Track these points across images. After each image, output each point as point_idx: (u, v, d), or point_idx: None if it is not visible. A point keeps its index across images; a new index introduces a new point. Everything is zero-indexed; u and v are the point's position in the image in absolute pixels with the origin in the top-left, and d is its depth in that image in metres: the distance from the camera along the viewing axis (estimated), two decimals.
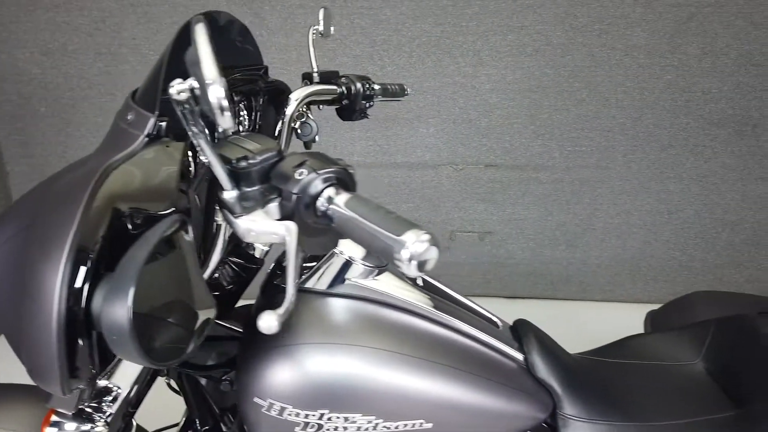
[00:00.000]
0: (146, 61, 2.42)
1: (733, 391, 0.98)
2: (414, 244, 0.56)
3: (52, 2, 2.34)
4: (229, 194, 0.65)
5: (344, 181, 0.67)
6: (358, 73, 1.28)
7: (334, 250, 0.87)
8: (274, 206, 0.67)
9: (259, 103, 1.01)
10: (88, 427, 0.76)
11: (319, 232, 0.67)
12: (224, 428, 0.97)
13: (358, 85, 1.14)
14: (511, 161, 2.59)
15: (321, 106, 1.16)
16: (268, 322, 0.57)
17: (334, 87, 1.12)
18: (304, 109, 1.10)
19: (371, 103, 1.18)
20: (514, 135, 2.55)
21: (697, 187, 2.59)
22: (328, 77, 1.14)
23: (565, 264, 2.77)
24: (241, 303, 1.00)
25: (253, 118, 1.00)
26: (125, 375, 0.77)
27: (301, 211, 0.65)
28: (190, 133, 0.59)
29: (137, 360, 0.52)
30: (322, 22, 1.18)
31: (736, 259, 2.71)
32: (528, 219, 2.68)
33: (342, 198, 0.63)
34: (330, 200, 0.64)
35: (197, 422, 0.97)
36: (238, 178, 0.65)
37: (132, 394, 0.79)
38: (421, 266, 0.56)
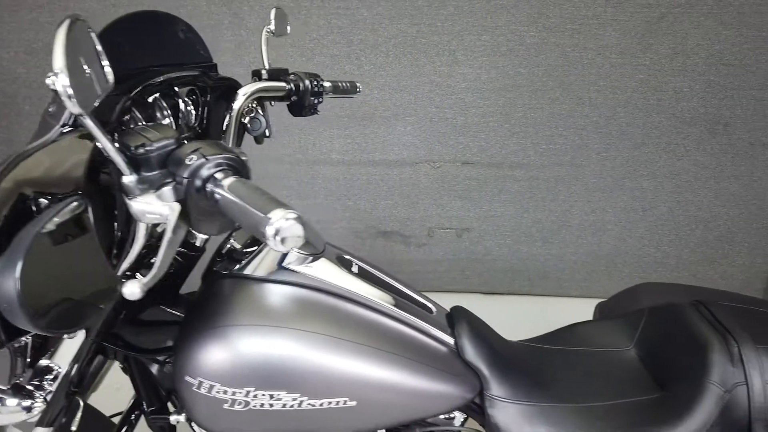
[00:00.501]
0: None
1: (659, 375, 1.03)
2: (279, 221, 0.61)
3: (35, 2, 2.39)
4: (127, 179, 0.71)
5: (234, 166, 0.72)
6: (343, 76, 1.32)
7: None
8: (168, 190, 0.72)
9: (206, 98, 1.05)
10: (28, 403, 0.80)
11: (212, 213, 0.72)
12: (171, 409, 1.02)
13: (307, 82, 1.18)
14: (487, 159, 2.63)
15: (272, 102, 1.21)
16: (131, 288, 0.64)
17: (283, 84, 1.17)
18: (254, 105, 1.14)
19: (320, 100, 1.23)
20: (490, 133, 2.59)
21: (670, 185, 2.64)
22: (277, 74, 1.18)
23: (541, 260, 2.81)
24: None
25: (199, 113, 1.04)
26: (65, 354, 0.82)
27: (192, 193, 0.70)
28: (79, 120, 0.65)
29: (29, 327, 0.57)
30: (273, 22, 1.23)
31: (710, 256, 2.75)
32: (504, 216, 2.73)
33: (226, 182, 0.69)
34: (216, 184, 0.69)
35: (144, 404, 1.02)
36: (138, 163, 0.71)
37: (73, 372, 0.84)
38: (285, 242, 0.61)
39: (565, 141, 2.58)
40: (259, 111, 1.16)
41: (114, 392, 1.12)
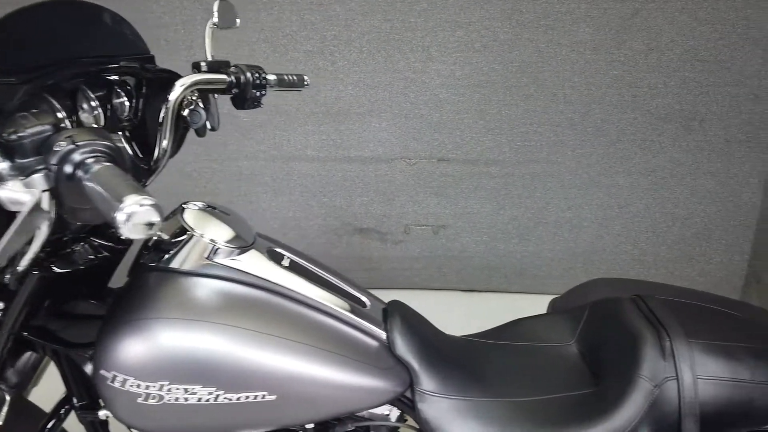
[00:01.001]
0: None
1: (596, 370, 1.02)
2: (131, 206, 0.61)
3: None
4: None
5: (106, 153, 0.71)
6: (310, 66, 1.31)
7: (196, 231, 0.91)
8: (38, 177, 0.72)
9: (141, 91, 1.04)
10: None
11: (86, 201, 0.71)
12: (102, 403, 1.01)
13: (248, 74, 1.17)
14: (463, 156, 2.62)
15: (215, 95, 1.20)
16: None
17: (224, 76, 1.15)
18: (195, 98, 1.13)
19: (263, 93, 1.21)
20: (465, 130, 2.58)
21: (646, 182, 2.62)
22: (217, 66, 1.17)
23: (518, 257, 2.80)
24: None
25: (134, 105, 1.03)
26: None
27: (62, 180, 0.69)
28: None
29: None
30: (216, 14, 1.22)
31: (687, 253, 2.74)
32: (481, 213, 2.72)
33: (94, 169, 0.68)
34: (85, 170, 0.68)
35: (74, 399, 1.01)
36: (12, 150, 0.70)
37: None
38: (136, 228, 0.61)
39: (540, 138, 2.57)
40: (200, 104, 1.14)
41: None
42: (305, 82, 1.29)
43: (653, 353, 0.93)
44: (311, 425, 0.96)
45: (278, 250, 1.02)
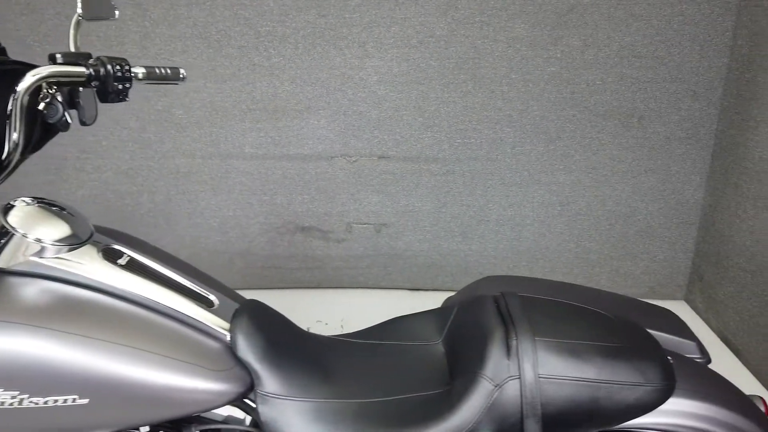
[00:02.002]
0: (31, 53, 2.42)
1: (452, 369, 0.99)
2: None
3: None
4: None
5: None
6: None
7: (18, 230, 0.88)
8: None
9: None
10: None
11: None
12: None
13: (108, 67, 1.13)
14: (403, 153, 2.60)
15: (80, 88, 1.16)
16: None
17: (81, 69, 1.12)
18: (52, 91, 1.09)
19: (128, 85, 1.18)
20: (404, 127, 2.56)
21: (587, 179, 2.61)
22: (75, 58, 1.13)
23: (462, 256, 2.78)
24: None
25: None
26: None
27: None
28: None
29: None
30: (79, 4, 1.17)
31: (631, 251, 2.72)
32: (422, 211, 2.69)
33: None
34: None
35: None
36: None
37: None
38: None
39: (479, 135, 2.55)
40: (58, 97, 1.11)
41: None
42: (181, 76, 1.25)
43: (498, 352, 0.90)
44: (146, 428, 0.92)
45: (117, 247, 0.98)
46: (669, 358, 1.00)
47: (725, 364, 2.31)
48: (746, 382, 2.20)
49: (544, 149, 2.56)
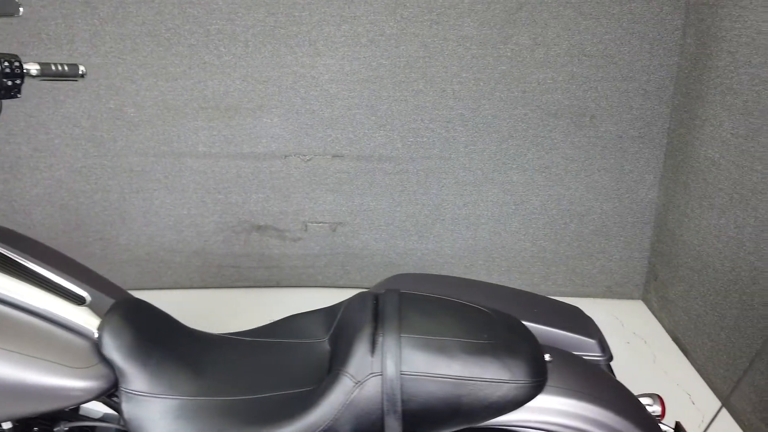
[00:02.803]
0: None
1: (331, 367, 0.99)
2: None
3: None
4: None
5: None
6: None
7: None
8: None
9: None
10: None
11: None
12: None
13: None
14: (357, 152, 2.59)
15: None
16: None
17: None
18: None
19: (19, 82, 1.17)
20: (357, 126, 2.55)
21: (541, 178, 2.60)
22: None
23: (419, 255, 2.77)
24: None
25: None
26: None
27: None
28: None
29: None
30: None
31: (587, 251, 2.72)
32: (377, 210, 2.69)
33: None
34: None
35: None
36: None
37: None
38: None
39: (432, 134, 2.55)
40: None
41: None
42: (80, 72, 1.24)
43: (363, 349, 0.90)
44: (9, 424, 0.92)
45: None
46: (548, 355, 0.99)
47: (674, 363, 2.31)
48: (692, 382, 2.20)
49: (496, 148, 2.56)
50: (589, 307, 2.75)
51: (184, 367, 0.97)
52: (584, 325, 1.26)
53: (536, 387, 0.92)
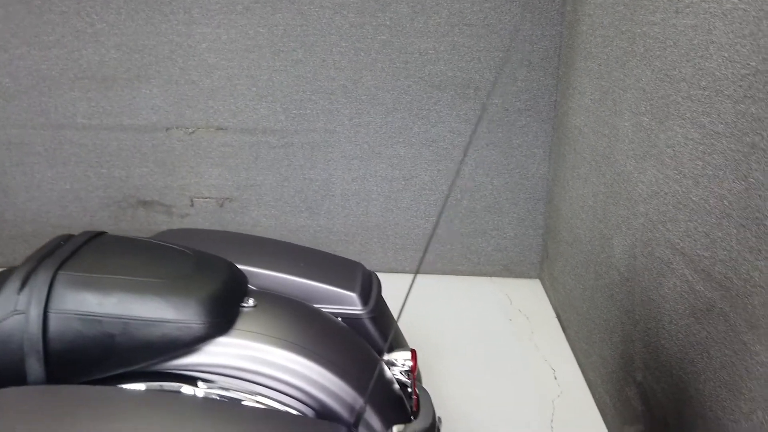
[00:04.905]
0: None
1: None
2: None
3: None
4: None
5: None
6: None
7: None
8: None
9: None
10: None
11: None
12: None
13: None
14: (240, 124, 2.53)
15: None
16: None
17: None
18: None
19: None
20: (239, 97, 2.48)
21: (428, 153, 2.54)
22: None
23: (312, 232, 2.71)
24: None
25: None
26: None
27: None
28: None
29: None
30: None
31: (480, 228, 2.66)
32: (264, 185, 2.62)
33: None
34: None
35: None
36: None
37: None
38: None
39: (315, 105, 2.48)
40: None
41: None
42: None
43: (12, 287, 0.84)
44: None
45: None
46: (252, 300, 0.94)
47: (550, 339, 2.25)
48: (562, 357, 2.14)
49: (382, 121, 2.49)
50: (484, 286, 2.69)
51: None
52: (353, 280, 1.21)
53: (207, 329, 0.86)
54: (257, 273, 1.16)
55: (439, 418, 1.22)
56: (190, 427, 0.72)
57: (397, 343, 1.24)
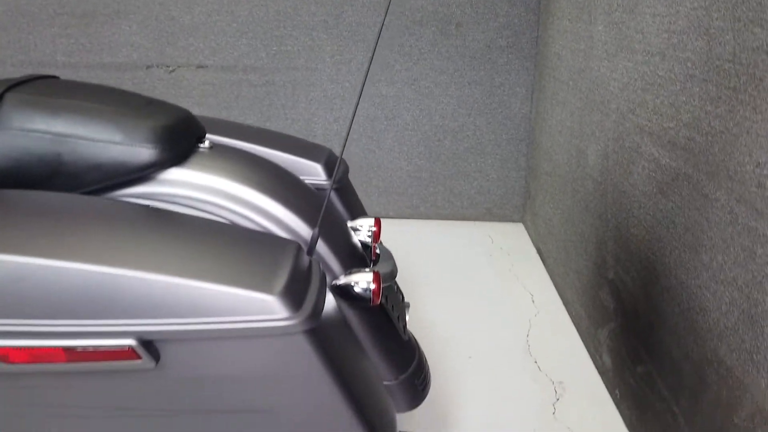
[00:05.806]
0: None
1: None
2: None
3: None
4: None
5: None
6: None
7: None
8: None
9: None
10: None
11: None
12: None
13: None
14: (221, 62, 2.51)
15: None
16: None
17: None
18: None
19: None
20: (219, 34, 2.47)
21: (410, 92, 2.53)
22: None
23: None
24: None
25: None
26: None
27: None
28: None
29: None
30: None
31: (463, 170, 2.65)
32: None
33: None
34: None
35: None
36: None
37: None
38: None
39: (296, 42, 2.47)
40: None
41: None
42: None
43: None
44: None
45: None
46: (207, 141, 0.94)
47: (530, 271, 2.25)
48: (540, 285, 2.14)
49: (363, 58, 2.48)
50: (467, 228, 2.69)
51: None
52: (318, 154, 1.21)
53: (158, 155, 0.85)
54: (222, 141, 1.15)
55: (408, 304, 1.21)
56: (157, 231, 0.72)
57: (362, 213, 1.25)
